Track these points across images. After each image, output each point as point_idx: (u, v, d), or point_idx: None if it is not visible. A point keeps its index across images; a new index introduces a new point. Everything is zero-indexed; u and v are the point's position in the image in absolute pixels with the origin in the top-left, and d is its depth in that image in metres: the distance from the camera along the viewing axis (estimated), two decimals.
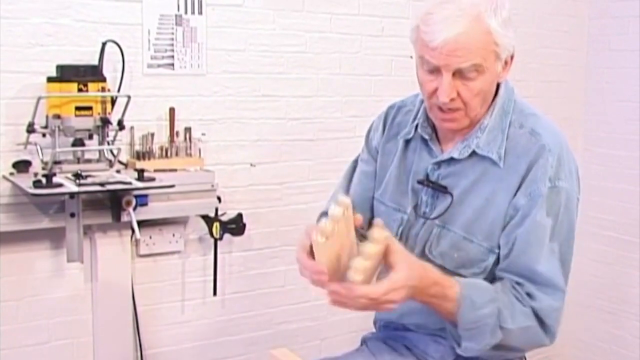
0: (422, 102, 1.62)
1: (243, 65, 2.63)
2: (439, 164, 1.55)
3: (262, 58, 2.67)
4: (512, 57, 1.48)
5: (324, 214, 1.75)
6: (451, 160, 1.53)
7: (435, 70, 1.42)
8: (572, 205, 1.50)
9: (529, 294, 1.46)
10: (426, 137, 1.57)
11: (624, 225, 3.37)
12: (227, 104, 2.62)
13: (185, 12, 2.50)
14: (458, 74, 1.41)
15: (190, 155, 2.51)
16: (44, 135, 2.21)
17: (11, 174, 2.22)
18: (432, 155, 1.57)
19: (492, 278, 1.52)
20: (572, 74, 3.49)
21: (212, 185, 2.49)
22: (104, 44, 2.31)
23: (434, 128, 1.58)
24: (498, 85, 1.53)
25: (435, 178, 1.55)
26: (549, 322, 1.47)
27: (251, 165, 2.70)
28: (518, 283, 1.47)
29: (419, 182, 1.57)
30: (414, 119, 1.62)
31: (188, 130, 2.51)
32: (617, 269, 3.42)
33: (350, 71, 2.86)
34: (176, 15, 2.49)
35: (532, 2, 3.31)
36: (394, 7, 2.91)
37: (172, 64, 2.50)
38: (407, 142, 1.62)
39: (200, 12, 2.53)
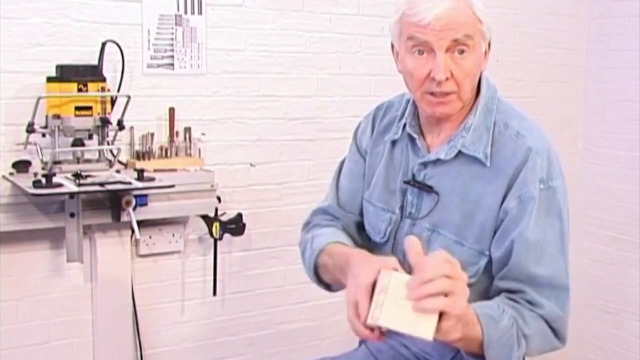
0: (408, 102, 1.62)
1: (243, 65, 2.63)
2: (425, 164, 1.55)
3: (262, 58, 2.67)
4: (489, 46, 1.50)
5: (318, 211, 1.77)
6: (437, 160, 1.53)
7: (427, 51, 1.44)
8: (567, 200, 1.51)
9: (530, 302, 1.44)
10: (415, 135, 1.56)
11: (624, 225, 3.36)
12: (227, 104, 2.62)
13: (185, 12, 2.50)
14: (450, 51, 1.42)
15: (190, 155, 2.51)
16: (43, 135, 2.22)
17: (11, 174, 2.22)
18: (418, 155, 1.56)
19: (485, 283, 1.50)
20: (572, 74, 3.49)
21: (212, 185, 2.49)
22: (103, 44, 2.31)
23: (421, 127, 1.58)
24: (479, 83, 1.53)
25: (421, 178, 1.55)
26: (555, 326, 1.45)
27: (251, 165, 2.70)
28: (518, 291, 1.44)
29: (406, 182, 1.57)
30: (401, 118, 1.62)
31: (188, 130, 2.52)
32: (617, 269, 3.41)
33: (350, 71, 2.86)
34: (176, 15, 2.49)
35: (532, 2, 3.31)
36: (394, 7, 2.90)
37: (172, 64, 2.50)
38: (394, 142, 1.62)
39: (200, 12, 2.53)
